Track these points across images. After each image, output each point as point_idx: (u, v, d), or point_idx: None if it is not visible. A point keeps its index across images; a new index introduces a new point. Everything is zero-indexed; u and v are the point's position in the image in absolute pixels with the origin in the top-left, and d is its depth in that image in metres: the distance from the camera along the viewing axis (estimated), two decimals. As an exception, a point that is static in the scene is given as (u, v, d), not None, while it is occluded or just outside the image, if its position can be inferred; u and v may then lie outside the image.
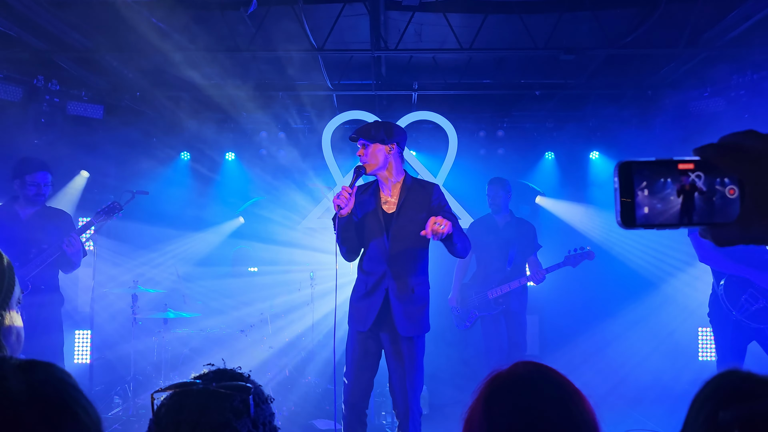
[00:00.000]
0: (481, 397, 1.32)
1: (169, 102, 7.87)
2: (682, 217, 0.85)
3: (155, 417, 1.33)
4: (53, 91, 6.71)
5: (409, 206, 3.87)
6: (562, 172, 8.16)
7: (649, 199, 0.85)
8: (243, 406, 1.32)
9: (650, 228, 0.86)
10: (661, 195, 0.85)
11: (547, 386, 1.32)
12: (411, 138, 7.91)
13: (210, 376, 1.39)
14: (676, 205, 0.85)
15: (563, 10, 5.85)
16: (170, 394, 1.34)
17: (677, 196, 0.85)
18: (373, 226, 3.90)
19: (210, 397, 1.31)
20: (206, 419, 1.28)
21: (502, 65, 7.16)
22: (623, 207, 0.86)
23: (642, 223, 0.85)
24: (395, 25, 6.22)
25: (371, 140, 3.87)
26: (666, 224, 0.85)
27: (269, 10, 5.79)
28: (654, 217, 0.85)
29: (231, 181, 8.25)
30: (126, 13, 5.68)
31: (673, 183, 0.85)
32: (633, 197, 0.86)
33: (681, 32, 5.89)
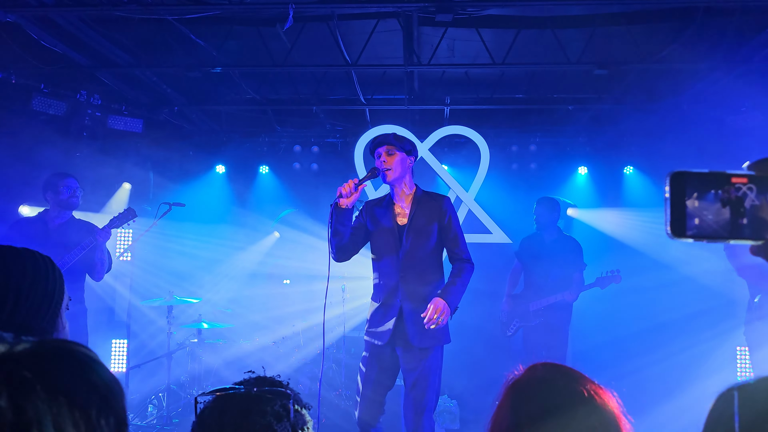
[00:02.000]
0: (507, 401, 1.33)
1: (206, 116, 8.05)
2: (733, 230, 0.83)
3: (198, 419, 1.37)
4: (95, 105, 6.91)
5: (421, 216, 3.89)
6: (595, 187, 8.09)
7: (700, 211, 0.84)
8: (283, 411, 1.37)
9: (700, 240, 0.84)
10: (712, 207, 0.84)
11: (571, 384, 1.33)
12: (443, 152, 7.95)
13: (251, 382, 1.43)
14: (727, 219, 0.83)
15: (596, 25, 5.85)
16: (214, 398, 1.39)
17: (729, 209, 0.83)
18: (387, 239, 3.90)
19: (252, 400, 1.36)
20: (249, 422, 1.32)
21: (534, 80, 7.16)
22: (673, 217, 0.84)
23: (692, 234, 0.84)
24: (428, 41, 6.28)
25: (399, 149, 3.89)
26: (716, 237, 0.84)
27: (304, 26, 5.89)
28: (704, 228, 0.84)
29: (265, 194, 8.37)
30: (166, 29, 5.84)
31: (725, 196, 0.84)
32: (684, 207, 0.84)
33: (718, 46, 5.82)
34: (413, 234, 3.85)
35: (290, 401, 1.38)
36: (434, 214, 3.89)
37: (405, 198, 3.96)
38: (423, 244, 3.84)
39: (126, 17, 5.38)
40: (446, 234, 3.91)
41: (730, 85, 6.59)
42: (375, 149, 3.94)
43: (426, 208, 3.91)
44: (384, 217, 3.95)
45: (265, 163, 8.35)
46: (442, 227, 3.90)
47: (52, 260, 1.62)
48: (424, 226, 3.86)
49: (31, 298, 1.49)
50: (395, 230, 3.89)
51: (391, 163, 3.85)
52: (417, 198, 3.95)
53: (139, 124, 7.21)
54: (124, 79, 6.86)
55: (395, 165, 3.86)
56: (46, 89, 6.52)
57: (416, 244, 3.84)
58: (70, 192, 4.94)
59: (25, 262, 1.53)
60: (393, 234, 3.88)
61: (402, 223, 3.91)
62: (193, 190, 8.04)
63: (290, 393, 1.40)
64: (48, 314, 1.52)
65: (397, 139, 3.89)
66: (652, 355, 7.22)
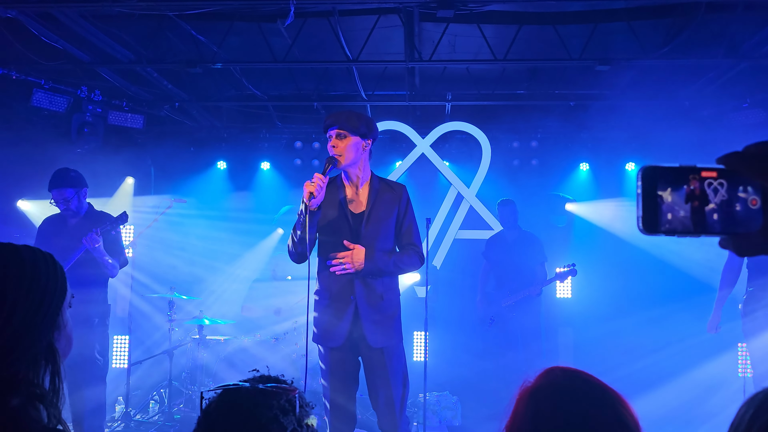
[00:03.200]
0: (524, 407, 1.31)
1: (207, 112, 8.04)
2: (704, 225, 0.83)
3: (204, 414, 1.38)
4: (96, 101, 6.91)
5: (380, 208, 3.56)
6: (597, 184, 8.09)
7: (672, 206, 0.83)
8: (289, 405, 1.38)
9: (671, 234, 0.83)
10: (683, 202, 0.83)
11: (592, 390, 1.32)
12: (444, 149, 7.95)
13: (256, 379, 1.45)
14: (697, 213, 0.83)
15: (598, 21, 5.84)
16: (220, 393, 1.39)
17: (699, 203, 0.83)
18: (338, 228, 3.52)
19: (258, 394, 1.38)
20: (255, 414, 1.33)
21: (536, 76, 7.16)
22: (645, 212, 0.84)
23: (664, 229, 0.83)
24: (429, 37, 6.27)
25: (352, 131, 3.47)
26: (687, 232, 0.83)
27: (305, 22, 5.89)
28: (675, 224, 0.83)
29: (266, 191, 8.37)
30: (166, 25, 5.84)
31: (695, 190, 0.83)
32: (656, 203, 0.84)
33: (719, 42, 5.82)
34: (372, 225, 3.52)
35: (296, 395, 1.38)
36: (393, 204, 3.59)
37: (358, 183, 3.60)
38: (382, 237, 3.53)
39: (127, 13, 5.37)
40: (401, 225, 3.62)
41: (731, 81, 6.59)
42: (326, 128, 3.53)
43: (385, 198, 3.59)
44: (333, 204, 3.54)
45: (267, 159, 8.35)
46: (399, 218, 3.61)
47: (53, 257, 1.61)
48: (384, 218, 3.55)
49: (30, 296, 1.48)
50: (349, 218, 3.53)
51: (342, 148, 3.46)
52: (375, 186, 3.60)
53: (140, 120, 7.20)
54: (125, 75, 6.85)
55: (346, 150, 3.46)
56: (46, 85, 6.52)
57: (375, 236, 3.50)
58: (63, 204, 4.84)
59: (23, 258, 1.53)
60: (346, 222, 3.52)
61: (357, 210, 3.56)
62: (194, 186, 8.04)
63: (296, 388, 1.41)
64: (49, 311, 1.52)
65: (348, 121, 3.46)
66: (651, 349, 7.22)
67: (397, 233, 3.64)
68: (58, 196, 4.82)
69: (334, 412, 3.54)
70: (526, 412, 1.31)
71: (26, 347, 1.43)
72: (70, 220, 4.92)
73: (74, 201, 4.83)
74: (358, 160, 3.53)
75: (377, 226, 3.52)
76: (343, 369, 3.54)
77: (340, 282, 3.50)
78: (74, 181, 4.87)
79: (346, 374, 3.55)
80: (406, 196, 3.64)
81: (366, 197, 3.57)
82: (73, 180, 4.87)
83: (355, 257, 3.42)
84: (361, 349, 3.54)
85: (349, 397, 3.56)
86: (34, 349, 1.44)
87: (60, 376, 1.47)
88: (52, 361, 1.47)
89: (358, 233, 3.50)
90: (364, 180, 3.60)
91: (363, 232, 3.50)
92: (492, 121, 7.87)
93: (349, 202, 3.57)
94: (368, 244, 3.48)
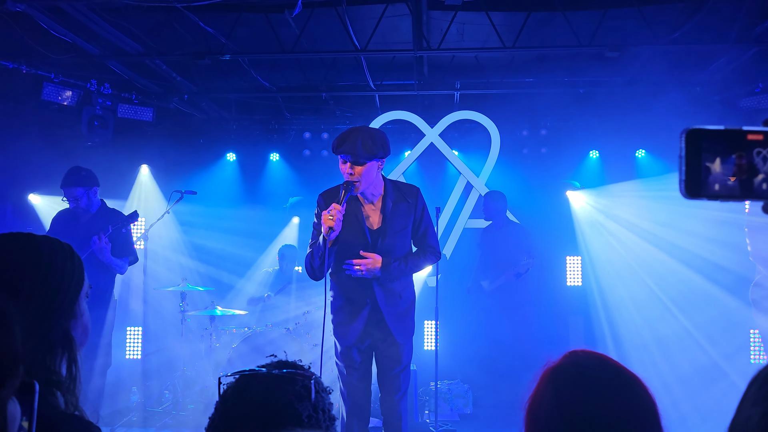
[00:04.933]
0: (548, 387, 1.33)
1: (216, 104, 8.06)
2: (747, 189, 0.81)
3: (221, 398, 1.39)
4: (105, 94, 6.94)
5: (395, 221, 3.61)
6: (607, 171, 8.05)
7: (715, 170, 0.81)
8: (305, 391, 1.39)
9: (714, 199, 0.82)
10: (727, 165, 0.81)
11: (613, 373, 1.34)
12: (453, 138, 7.93)
13: (272, 365, 1.46)
14: (742, 177, 0.81)
15: (608, 6, 5.79)
16: (237, 378, 1.41)
17: (743, 167, 0.81)
18: (355, 243, 3.55)
19: (274, 380, 1.39)
20: (270, 400, 1.35)
21: (545, 63, 7.11)
22: (688, 176, 0.81)
23: (707, 193, 0.81)
24: (437, 25, 6.24)
25: (371, 158, 3.43)
26: (730, 196, 0.81)
27: (313, 12, 5.87)
28: (719, 188, 0.81)
29: (276, 182, 8.39)
30: (175, 17, 5.84)
31: (740, 154, 0.81)
32: (699, 166, 0.81)
33: (730, 27, 5.76)
34: (389, 239, 3.58)
35: (312, 382, 1.39)
36: (409, 214, 3.64)
37: (374, 199, 3.63)
38: (399, 247, 3.62)
39: (135, 5, 5.38)
40: (417, 230, 3.70)
41: (742, 66, 6.53)
42: (339, 153, 3.48)
43: (400, 209, 3.63)
44: (352, 221, 3.56)
45: (276, 151, 8.36)
46: (415, 225, 3.68)
47: (72, 247, 1.63)
48: (400, 230, 3.61)
49: (48, 284, 1.50)
50: (368, 235, 3.58)
51: (359, 175, 3.45)
52: (389, 198, 3.62)
53: (150, 112, 7.23)
54: (134, 68, 6.87)
55: (364, 177, 3.45)
56: (56, 79, 6.55)
57: (391, 248, 3.59)
58: (73, 203, 5.05)
59: (41, 248, 1.55)
60: (362, 236, 3.57)
61: (373, 226, 3.61)
62: (204, 177, 8.07)
63: (312, 374, 1.42)
64: (66, 300, 1.54)
65: (365, 148, 3.39)
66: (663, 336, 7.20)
67: (414, 236, 3.74)
68: (68, 195, 5.05)
69: (349, 408, 3.67)
70: (547, 390, 1.32)
71: (42, 335, 1.45)
72: (81, 217, 5.12)
73: (84, 199, 5.06)
74: (374, 181, 3.57)
75: (393, 239, 3.61)
76: (359, 362, 3.66)
77: (357, 287, 3.59)
78: (84, 180, 5.07)
79: (361, 367, 3.67)
80: (422, 201, 3.70)
81: (381, 211, 3.62)
82: (84, 179, 5.06)
83: (372, 265, 3.51)
84: (378, 342, 3.65)
85: (365, 392, 3.69)
86: (51, 336, 1.46)
87: (77, 363, 1.49)
88: (69, 348, 1.49)
89: (375, 247, 3.58)
90: (378, 194, 3.65)
91: (380, 246, 3.58)
92: (501, 110, 7.83)
93: (365, 218, 3.62)
94: (384, 254, 3.57)
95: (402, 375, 3.67)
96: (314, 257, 3.52)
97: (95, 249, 4.78)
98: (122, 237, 5.04)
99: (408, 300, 3.70)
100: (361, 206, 3.62)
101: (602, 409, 1.27)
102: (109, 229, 4.85)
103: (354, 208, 3.59)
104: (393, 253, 3.59)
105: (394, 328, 3.59)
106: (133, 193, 7.75)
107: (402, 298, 3.65)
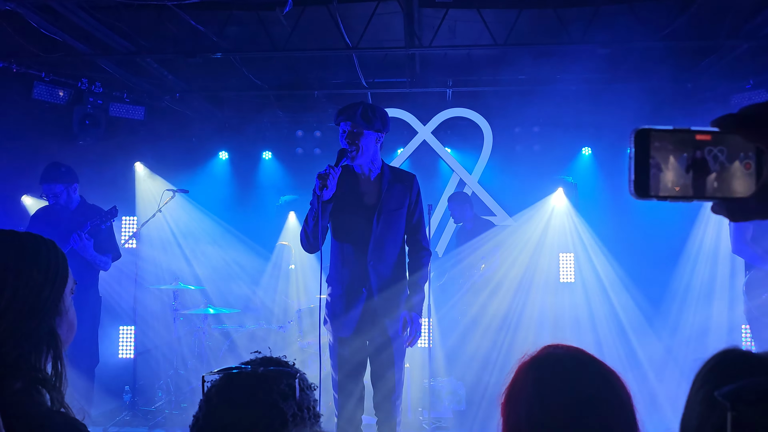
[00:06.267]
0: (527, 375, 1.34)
1: (207, 102, 8.03)
2: (697, 189, 0.81)
3: (205, 397, 1.39)
4: (96, 93, 6.91)
5: (391, 199, 3.59)
6: (600, 168, 8.06)
7: (664, 170, 0.81)
8: (289, 390, 1.38)
9: (663, 200, 0.82)
10: (676, 166, 0.81)
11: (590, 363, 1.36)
12: (446, 135, 7.93)
13: (257, 362, 1.45)
14: (690, 177, 0.81)
15: (599, 3, 5.79)
16: (221, 377, 1.40)
17: (692, 167, 0.81)
18: (351, 220, 3.57)
19: (258, 379, 1.38)
20: (255, 399, 1.34)
21: (537, 60, 7.11)
22: (637, 176, 0.81)
23: (655, 194, 0.81)
24: (429, 22, 6.23)
25: (368, 128, 3.48)
26: (679, 196, 0.81)
27: (304, 10, 5.86)
28: (668, 188, 0.81)
29: (268, 180, 8.37)
30: (165, 15, 5.82)
31: (689, 154, 0.81)
32: (648, 166, 0.81)
33: (721, 23, 5.77)
34: (384, 217, 3.56)
35: (296, 380, 1.39)
36: (405, 195, 3.63)
37: (371, 175, 3.63)
38: (394, 228, 3.59)
39: (126, 3, 5.36)
40: (411, 216, 3.67)
41: (734, 62, 6.54)
42: (339, 122, 3.54)
43: (396, 188, 3.62)
44: (352, 193, 3.57)
45: (268, 149, 8.34)
46: (410, 209, 3.65)
47: (55, 243, 1.63)
48: (395, 209, 3.59)
49: (32, 281, 1.50)
50: (361, 210, 3.56)
51: (357, 143, 3.47)
52: (386, 177, 3.62)
53: (141, 111, 7.21)
54: (125, 66, 6.84)
55: (361, 146, 3.48)
56: (47, 78, 6.52)
57: (386, 228, 3.57)
58: (52, 199, 5.00)
59: (24, 244, 1.55)
60: (359, 213, 3.56)
61: (369, 202, 3.59)
62: (196, 176, 8.04)
63: (296, 372, 1.41)
64: (50, 297, 1.53)
65: (364, 118, 3.46)
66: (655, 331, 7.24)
67: (408, 223, 3.69)
68: (48, 191, 4.99)
69: (342, 399, 3.60)
70: (527, 379, 1.33)
71: (28, 332, 1.45)
72: (61, 213, 5.05)
73: (63, 196, 5.00)
74: (372, 153, 3.56)
75: (388, 218, 3.58)
76: (353, 357, 3.60)
77: (353, 272, 3.56)
78: (64, 176, 5.00)
79: (355, 362, 3.61)
80: (417, 186, 3.69)
81: (378, 189, 3.61)
82: (63, 175, 5.00)
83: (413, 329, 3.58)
84: (372, 336, 3.61)
85: (357, 384, 3.63)
86: (36, 334, 1.46)
87: (62, 361, 1.49)
88: (54, 346, 1.49)
89: (371, 225, 3.54)
90: (376, 171, 3.63)
91: (375, 224, 3.55)
92: (493, 107, 7.84)
93: (361, 194, 3.60)
94: (380, 236, 3.56)
95: (396, 376, 3.63)
96: (307, 220, 3.49)
97: (76, 246, 4.74)
98: (103, 233, 4.98)
99: (402, 293, 3.66)
100: (358, 182, 3.61)
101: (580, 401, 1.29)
102: (88, 225, 4.79)
103: (351, 183, 3.60)
104: (388, 233, 3.57)
105: (383, 320, 3.56)
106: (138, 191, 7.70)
107: (396, 289, 3.62)
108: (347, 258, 3.59)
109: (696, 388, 0.97)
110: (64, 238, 4.74)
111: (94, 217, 4.92)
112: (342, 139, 3.52)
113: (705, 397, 0.93)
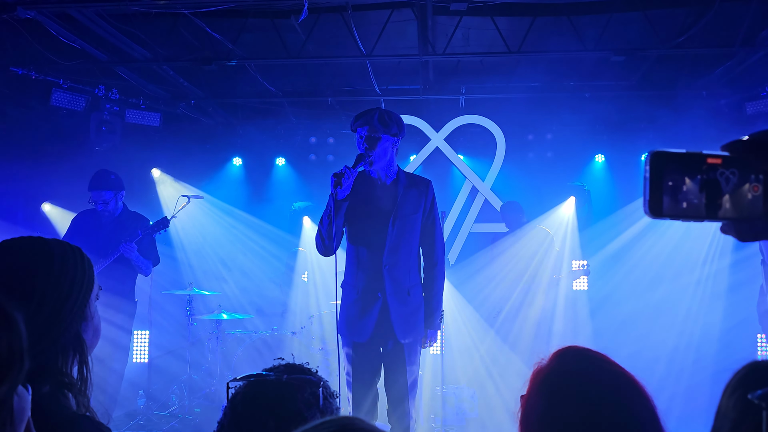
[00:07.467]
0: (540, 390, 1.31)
1: (222, 109, 8.10)
2: (708, 211, 0.86)
3: (230, 404, 1.41)
4: (113, 99, 6.99)
5: (406, 204, 3.61)
6: (613, 175, 8.04)
7: (677, 191, 0.86)
8: (313, 398, 1.40)
9: (676, 219, 0.86)
10: (688, 187, 0.86)
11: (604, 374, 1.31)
12: (459, 142, 7.94)
13: (281, 369, 1.47)
14: (701, 199, 0.86)
15: (613, 11, 5.80)
16: (245, 384, 1.42)
17: (703, 189, 0.86)
18: (366, 224, 3.59)
19: (284, 387, 1.40)
20: (281, 408, 1.35)
21: (550, 67, 7.11)
22: (651, 196, 0.86)
23: (668, 213, 0.86)
24: (443, 30, 6.26)
25: (386, 132, 3.51)
26: (691, 216, 0.86)
27: (319, 18, 5.90)
28: (680, 208, 0.86)
29: (282, 186, 8.41)
30: (182, 23, 5.88)
31: (700, 176, 0.86)
32: (662, 187, 0.86)
33: (736, 31, 5.75)
34: (399, 223, 3.57)
35: (319, 389, 1.40)
36: (420, 200, 3.65)
37: (387, 180, 3.65)
38: (408, 233, 3.60)
39: (143, 12, 5.42)
40: (426, 221, 3.69)
41: (748, 70, 6.52)
42: (356, 128, 3.58)
43: (412, 194, 3.64)
44: (368, 198, 3.60)
45: (282, 155, 8.39)
46: (425, 214, 3.68)
47: (81, 250, 1.66)
48: (410, 214, 3.61)
49: (60, 287, 1.53)
50: (377, 214, 3.57)
51: (374, 149, 3.50)
52: (402, 183, 3.64)
53: (157, 117, 7.28)
54: (142, 74, 6.92)
55: (378, 151, 3.52)
56: (65, 85, 6.60)
57: (401, 233, 3.58)
58: (102, 206, 5.09)
59: (52, 251, 1.57)
60: (375, 217, 3.57)
61: (385, 207, 3.60)
62: (211, 182, 8.10)
63: (320, 380, 1.43)
64: (77, 303, 1.56)
65: (381, 122, 3.50)
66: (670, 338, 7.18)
67: (423, 228, 3.71)
68: (97, 198, 5.08)
69: (356, 403, 3.61)
70: (540, 394, 1.31)
71: (55, 337, 1.48)
72: (104, 219, 5.16)
73: (112, 203, 5.11)
74: (389, 158, 3.61)
75: (404, 222, 3.60)
76: (368, 362, 3.62)
77: (368, 276, 3.58)
78: (114, 184, 5.16)
79: (369, 368, 3.62)
80: (432, 192, 3.72)
81: (394, 193, 3.63)
82: (113, 183, 5.15)
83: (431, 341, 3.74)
84: (386, 342, 3.62)
85: (370, 389, 3.64)
86: (63, 339, 1.49)
87: (88, 365, 1.52)
88: (80, 351, 1.52)
89: (386, 229, 3.57)
90: (392, 176, 3.66)
91: (390, 228, 3.57)
92: (506, 114, 7.84)
93: (377, 198, 3.62)
94: (395, 241, 3.58)
95: (410, 383, 3.63)
96: (323, 220, 3.52)
97: (126, 254, 4.85)
98: (149, 240, 5.14)
99: (416, 299, 3.67)
100: (374, 187, 3.64)
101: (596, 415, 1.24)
102: (139, 234, 4.93)
103: (368, 188, 3.63)
104: (402, 238, 3.59)
105: (397, 326, 3.56)
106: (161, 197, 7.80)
107: (410, 295, 3.63)
108: (362, 262, 3.61)
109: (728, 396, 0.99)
110: (108, 244, 4.86)
111: (144, 225, 5.08)
112: (359, 143, 3.55)
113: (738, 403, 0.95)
